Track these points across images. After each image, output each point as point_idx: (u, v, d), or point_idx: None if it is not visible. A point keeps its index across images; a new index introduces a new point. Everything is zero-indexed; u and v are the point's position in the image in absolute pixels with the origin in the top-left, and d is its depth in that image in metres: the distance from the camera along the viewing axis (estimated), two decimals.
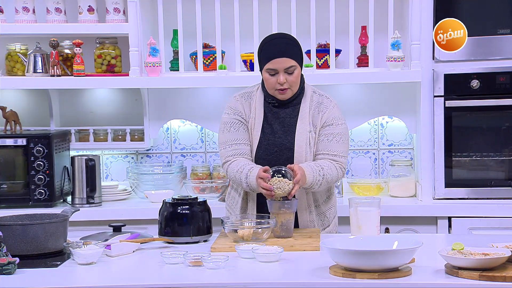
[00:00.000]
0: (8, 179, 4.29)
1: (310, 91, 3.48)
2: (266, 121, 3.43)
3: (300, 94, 3.44)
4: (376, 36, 4.34)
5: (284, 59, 3.33)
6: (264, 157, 3.40)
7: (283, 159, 3.38)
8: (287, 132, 3.41)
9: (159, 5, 4.36)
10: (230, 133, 3.44)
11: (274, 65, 3.34)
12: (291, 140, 3.40)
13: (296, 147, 3.38)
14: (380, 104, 4.55)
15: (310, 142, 3.39)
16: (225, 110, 3.51)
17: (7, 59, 4.56)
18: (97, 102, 4.75)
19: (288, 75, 3.34)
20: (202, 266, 2.75)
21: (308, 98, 3.44)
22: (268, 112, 3.45)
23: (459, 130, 4.20)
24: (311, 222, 3.43)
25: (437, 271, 2.64)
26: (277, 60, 3.33)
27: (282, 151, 3.40)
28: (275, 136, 3.42)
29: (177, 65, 4.45)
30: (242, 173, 3.31)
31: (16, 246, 2.88)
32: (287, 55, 3.34)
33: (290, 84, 3.36)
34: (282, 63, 3.34)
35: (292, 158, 3.38)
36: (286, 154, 3.39)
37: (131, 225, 3.68)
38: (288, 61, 3.34)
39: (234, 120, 3.45)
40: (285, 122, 3.43)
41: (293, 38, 3.47)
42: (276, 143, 3.40)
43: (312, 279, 2.61)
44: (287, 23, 4.26)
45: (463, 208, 4.12)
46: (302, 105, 3.43)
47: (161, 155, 4.77)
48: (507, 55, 4.14)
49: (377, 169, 4.69)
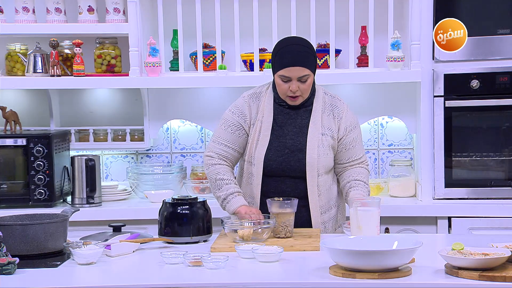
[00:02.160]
0: (8, 179, 4.29)
1: (321, 91, 3.47)
2: (276, 123, 3.42)
3: (311, 97, 3.43)
4: (376, 36, 4.34)
5: (298, 68, 3.31)
6: (274, 159, 3.38)
7: (294, 161, 3.38)
8: (299, 134, 3.40)
9: (159, 5, 4.36)
10: (226, 132, 3.44)
11: (288, 73, 3.31)
12: (303, 141, 3.38)
13: (308, 149, 3.37)
14: (380, 104, 4.55)
15: (324, 144, 3.38)
16: (230, 107, 3.50)
17: (7, 59, 4.56)
18: (97, 102, 4.75)
19: (301, 83, 3.33)
20: (202, 266, 2.75)
21: (320, 99, 3.44)
22: (278, 114, 3.43)
23: (459, 130, 4.20)
24: (323, 223, 3.42)
25: (437, 271, 2.64)
26: (291, 68, 3.31)
27: (294, 153, 3.38)
28: (286, 138, 3.40)
29: (177, 65, 4.45)
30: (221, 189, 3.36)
31: (16, 246, 2.88)
32: (302, 64, 3.31)
33: (302, 92, 3.35)
34: (296, 72, 3.31)
35: (304, 160, 3.37)
36: (297, 156, 3.38)
37: (131, 225, 3.68)
38: (302, 70, 3.31)
39: (235, 122, 3.45)
40: (297, 123, 3.41)
41: (309, 45, 3.42)
42: (287, 145, 3.39)
43: (312, 279, 2.61)
44: (287, 23, 4.26)
45: (463, 208, 4.12)
46: (315, 105, 3.42)
47: (161, 155, 4.77)
48: (507, 55, 4.14)
49: (377, 169, 4.69)
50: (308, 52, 3.37)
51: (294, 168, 3.38)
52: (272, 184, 3.41)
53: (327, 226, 3.44)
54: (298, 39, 3.49)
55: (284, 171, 3.39)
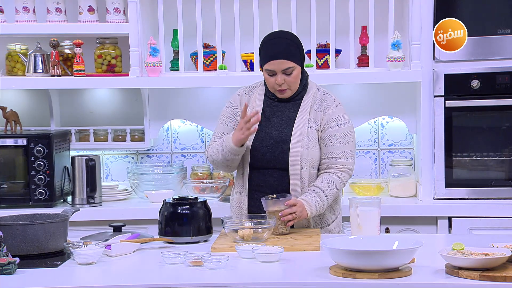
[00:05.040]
0: (8, 179, 4.29)
1: (315, 88, 3.48)
2: (264, 115, 3.44)
3: (302, 91, 3.44)
4: (376, 36, 4.34)
5: (280, 61, 3.32)
6: (259, 149, 3.40)
7: (278, 152, 3.38)
8: (285, 126, 3.41)
9: (159, 5, 4.36)
10: (221, 125, 3.53)
11: (271, 67, 3.34)
12: (288, 133, 3.39)
13: (292, 140, 3.37)
14: (380, 104, 4.55)
15: (309, 137, 3.38)
16: (226, 104, 3.57)
17: (7, 59, 4.56)
18: (97, 102, 4.75)
19: (286, 76, 3.34)
20: (202, 266, 2.75)
21: (311, 94, 3.44)
22: (267, 106, 3.46)
23: (459, 130, 4.20)
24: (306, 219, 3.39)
25: (437, 271, 2.64)
26: (274, 62, 3.33)
27: (278, 144, 3.39)
28: (272, 129, 3.42)
29: (177, 65, 4.45)
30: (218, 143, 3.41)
31: (16, 246, 2.88)
32: (284, 56, 3.32)
33: (289, 85, 3.37)
34: (279, 65, 3.33)
35: (288, 151, 3.37)
36: (282, 147, 3.38)
37: (131, 225, 3.68)
38: (285, 63, 3.32)
39: (229, 115, 3.51)
40: (284, 115, 3.43)
41: (292, 37, 3.42)
42: (273, 136, 3.40)
43: (312, 279, 2.61)
44: (287, 23, 4.26)
45: (463, 208, 4.12)
46: (304, 100, 3.43)
47: (161, 155, 4.77)
48: (507, 55, 4.15)
49: (377, 169, 4.69)
50: (290, 44, 3.36)
51: (278, 159, 3.39)
52: (260, 177, 3.43)
53: (311, 222, 3.43)
54: (282, 33, 3.51)
55: (269, 162, 3.40)
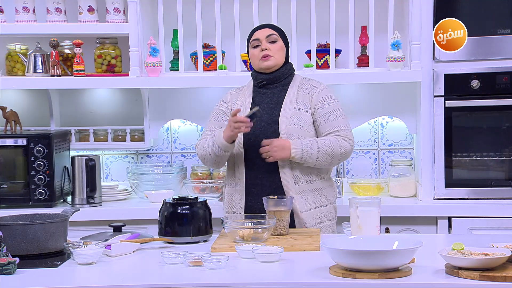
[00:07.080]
0: (8, 179, 4.29)
1: (300, 77, 3.64)
2: (254, 102, 3.56)
3: (289, 76, 3.59)
4: (376, 36, 4.34)
5: (265, 29, 3.58)
6: (252, 132, 3.46)
7: (270, 132, 3.49)
8: (274, 109, 3.53)
9: (159, 5, 4.36)
10: (211, 121, 3.65)
11: (256, 36, 3.56)
12: (277, 114, 3.51)
13: (280, 119, 3.49)
14: (380, 104, 4.55)
15: (298, 116, 3.49)
16: (217, 103, 3.70)
17: (7, 59, 4.56)
18: (97, 102, 4.75)
19: (270, 43, 3.53)
20: (202, 266, 2.75)
21: (297, 82, 3.60)
22: (257, 95, 3.59)
23: (459, 130, 4.20)
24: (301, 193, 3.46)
25: (437, 271, 2.64)
26: (259, 31, 3.58)
27: (269, 125, 3.50)
28: (263, 113, 3.49)
29: (177, 65, 4.45)
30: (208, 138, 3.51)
31: (16, 246, 2.88)
32: (267, 26, 3.61)
33: (273, 52, 3.52)
34: (263, 32, 3.56)
35: (278, 130, 3.48)
36: (273, 127, 3.50)
37: (131, 225, 3.68)
38: (268, 30, 3.57)
39: (218, 110, 3.65)
40: (273, 100, 3.56)
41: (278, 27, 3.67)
42: (263, 118, 3.50)
43: (312, 279, 2.61)
44: (287, 23, 4.26)
45: (463, 208, 4.12)
46: (291, 86, 3.57)
47: (161, 155, 4.77)
48: (507, 55, 4.15)
49: (377, 169, 4.69)
50: (275, 26, 3.69)
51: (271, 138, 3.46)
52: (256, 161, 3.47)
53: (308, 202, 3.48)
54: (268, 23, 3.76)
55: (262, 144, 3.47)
